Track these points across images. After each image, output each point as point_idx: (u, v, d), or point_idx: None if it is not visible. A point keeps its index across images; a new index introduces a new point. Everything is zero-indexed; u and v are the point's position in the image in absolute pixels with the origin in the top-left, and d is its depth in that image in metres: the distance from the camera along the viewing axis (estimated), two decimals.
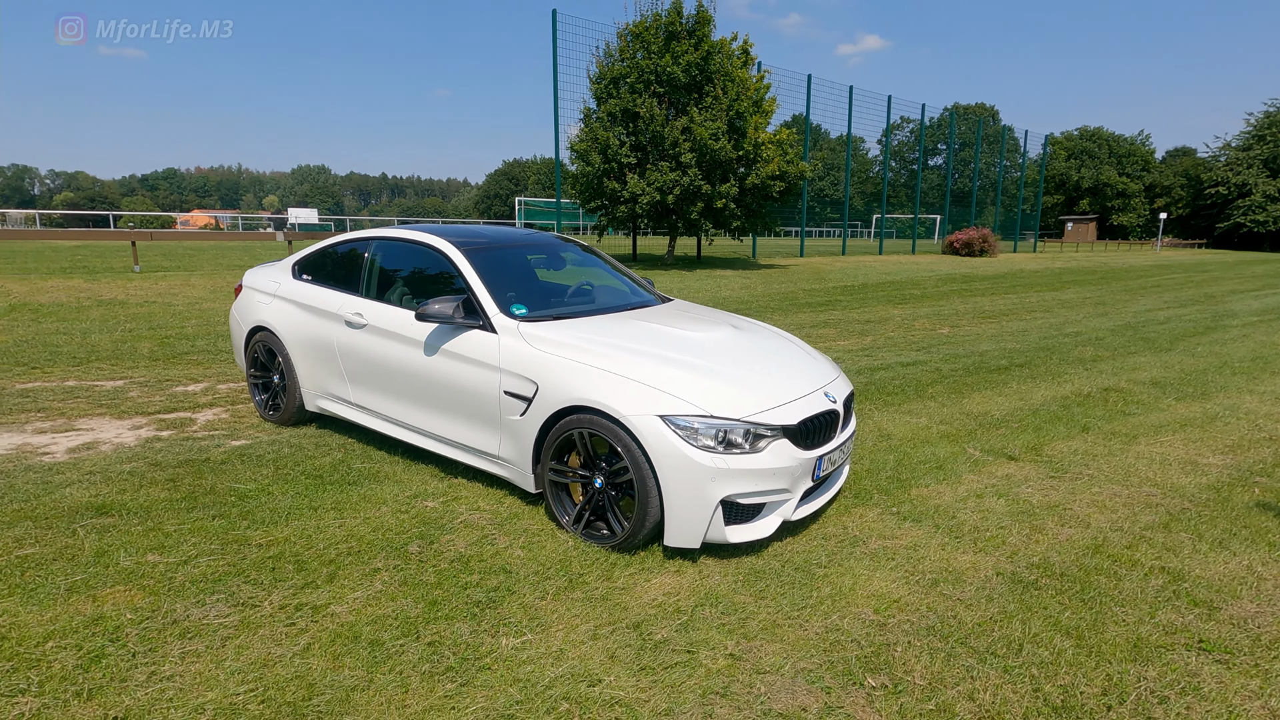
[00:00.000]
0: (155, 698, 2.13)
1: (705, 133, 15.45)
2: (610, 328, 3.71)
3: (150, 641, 2.41)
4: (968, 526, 3.50)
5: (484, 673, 2.31)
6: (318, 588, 2.79)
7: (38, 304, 9.12)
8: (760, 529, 3.13)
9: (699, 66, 15.98)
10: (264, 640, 2.44)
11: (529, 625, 2.58)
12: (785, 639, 2.54)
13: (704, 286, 14.18)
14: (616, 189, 16.35)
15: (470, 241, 4.18)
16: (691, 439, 2.95)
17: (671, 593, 2.83)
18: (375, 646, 2.43)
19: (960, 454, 4.59)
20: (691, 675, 2.32)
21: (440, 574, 2.92)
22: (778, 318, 10.51)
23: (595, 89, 17.01)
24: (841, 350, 8.12)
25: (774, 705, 2.18)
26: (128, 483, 3.75)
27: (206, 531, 3.22)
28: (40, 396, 5.36)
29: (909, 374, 6.88)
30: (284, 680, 2.23)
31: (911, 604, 2.79)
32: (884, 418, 5.36)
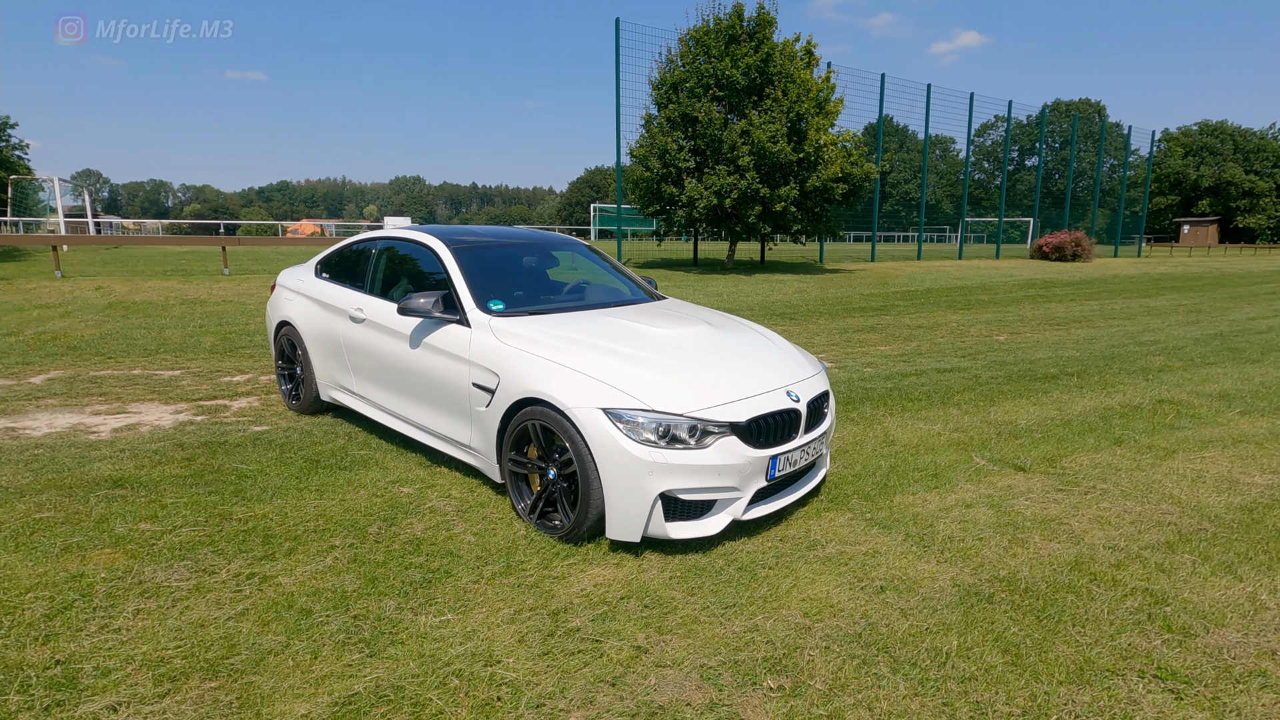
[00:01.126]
0: (98, 646, 2.36)
1: (764, 135, 15.26)
2: (580, 324, 3.77)
3: (113, 599, 2.65)
4: (941, 536, 3.33)
5: (394, 646, 2.41)
6: (274, 560, 2.98)
7: (132, 302, 10.11)
8: (707, 526, 3.09)
9: (759, 69, 15.82)
10: (208, 604, 2.63)
11: (453, 606, 2.67)
12: (699, 636, 2.50)
13: (755, 291, 13.99)
14: (674, 193, 16.40)
15: (460, 240, 4.34)
16: (632, 433, 2.96)
17: (603, 584, 2.85)
18: (304, 615, 2.58)
19: (964, 462, 4.35)
20: (590, 663, 2.34)
21: (389, 554, 3.05)
22: (822, 322, 10.24)
23: (656, 94, 17.14)
24: (879, 356, 7.83)
25: (657, 698, 2.17)
26: (149, 460, 4.13)
27: (198, 505, 3.50)
28: (106, 382, 5.95)
29: (941, 380, 6.56)
30: (212, 640, 2.41)
31: (846, 610, 2.69)
32: (895, 423, 5.15)
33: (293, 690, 2.17)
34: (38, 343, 7.41)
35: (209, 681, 2.20)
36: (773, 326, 9.58)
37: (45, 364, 6.54)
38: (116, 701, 2.10)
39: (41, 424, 4.83)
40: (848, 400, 5.77)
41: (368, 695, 2.15)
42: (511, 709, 2.11)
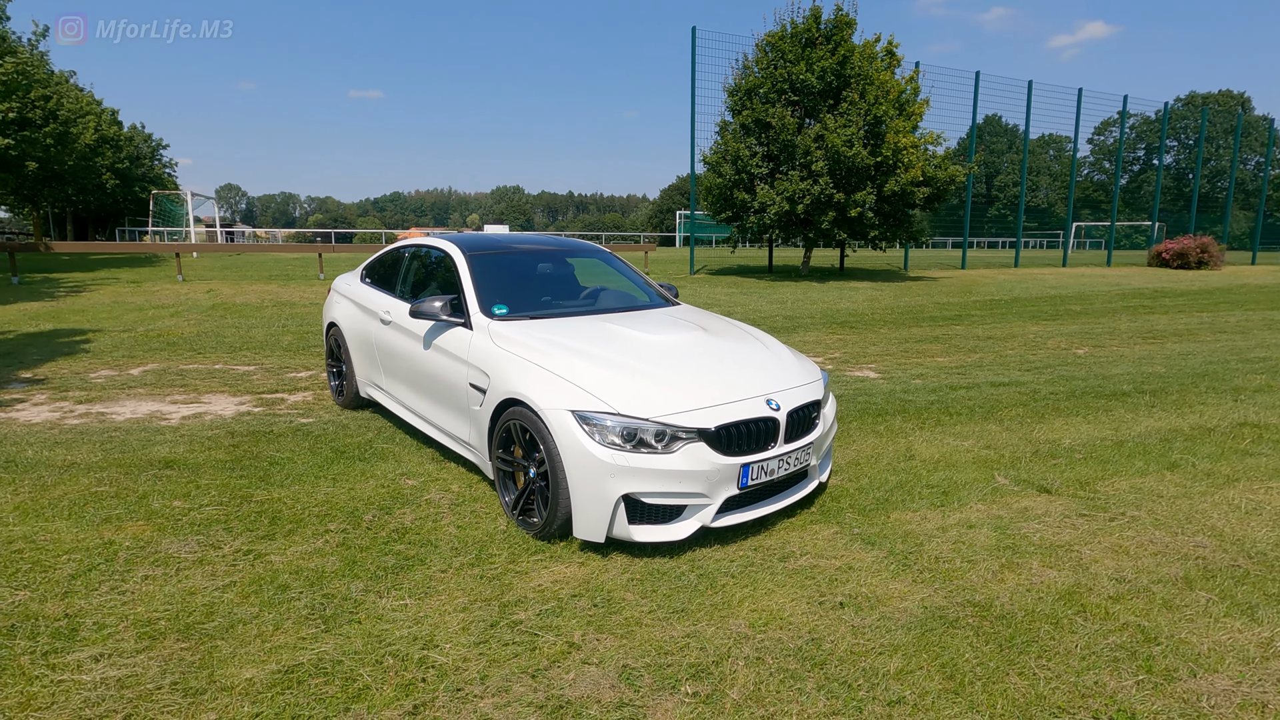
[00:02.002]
0: (104, 605, 2.67)
1: (838, 140, 14.86)
2: (574, 329, 3.87)
3: (130, 565, 2.99)
4: (927, 556, 3.18)
5: (349, 624, 2.59)
6: (273, 539, 3.25)
7: (233, 304, 11.15)
8: (673, 531, 3.11)
9: (835, 72, 15.44)
10: (205, 575, 2.92)
11: (415, 592, 2.83)
12: (635, 637, 2.53)
13: (822, 298, 13.62)
14: (746, 199, 16.25)
15: (476, 247, 4.56)
16: (597, 435, 3.03)
17: (561, 581, 2.93)
18: (281, 590, 2.81)
19: (982, 481, 4.11)
20: (519, 655, 2.42)
21: (375, 540, 3.26)
22: (884, 331, 9.86)
23: (730, 101, 17.07)
24: (933, 367, 7.47)
25: (570, 693, 2.22)
26: (201, 445, 4.58)
27: (226, 487, 3.86)
28: (189, 375, 6.63)
29: (991, 395, 6.19)
30: (195, 606, 2.68)
31: (795, 623, 2.63)
32: (921, 437, 4.92)
33: (247, 656, 2.38)
34: (145, 338, 8.33)
35: (181, 642, 2.45)
36: (830, 335, 9.34)
37: (146, 357, 7.36)
38: (101, 653, 2.38)
39: (127, 410, 5.46)
40: (878, 412, 5.56)
41: (309, 666, 2.33)
42: (430, 690, 2.22)
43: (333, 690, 2.22)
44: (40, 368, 6.81)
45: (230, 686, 2.22)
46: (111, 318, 9.83)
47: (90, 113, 33.61)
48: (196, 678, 2.26)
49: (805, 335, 9.47)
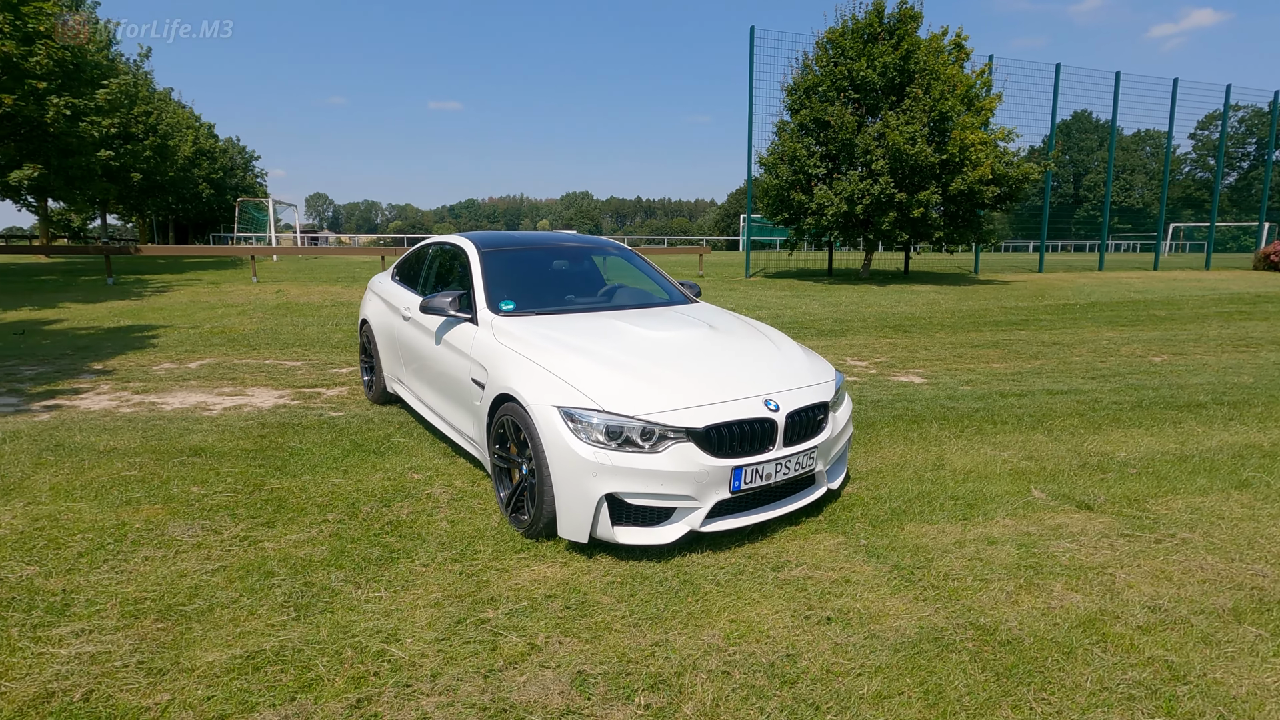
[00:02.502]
0: (99, 583, 2.78)
1: (900, 138, 14.30)
2: (576, 325, 3.80)
3: (135, 545, 3.11)
4: (936, 572, 2.94)
5: (321, 614, 2.59)
6: (273, 527, 3.32)
7: (296, 303, 11.69)
8: (660, 535, 2.99)
9: (898, 67, 14.88)
10: (199, 558, 3.00)
11: (393, 584, 2.81)
12: (601, 642, 2.43)
13: (879, 302, 13.10)
14: (803, 201, 15.86)
15: (491, 243, 4.56)
16: (582, 432, 2.95)
17: (540, 581, 2.85)
18: (266, 576, 2.85)
19: (1016, 494, 3.79)
20: (477, 654, 2.36)
21: (367, 532, 3.28)
22: (940, 336, 9.37)
23: (789, 100, 16.72)
24: (986, 373, 7.02)
25: (517, 696, 2.14)
26: (231, 435, 4.77)
27: (242, 475, 3.99)
28: (240, 369, 6.95)
29: (1045, 403, 5.75)
30: (181, 589, 2.75)
31: (773, 637, 2.47)
32: (957, 446, 4.60)
33: (216, 640, 2.41)
34: (209, 335, 8.82)
35: (159, 623, 2.51)
36: (880, 339, 8.95)
37: (206, 352, 7.78)
38: (84, 629, 2.46)
39: (176, 400, 5.76)
40: (915, 418, 5.25)
41: (270, 653, 2.34)
42: (379, 685, 2.19)
43: (286, 678, 2.21)
44: (111, 360, 7.30)
45: (191, 668, 2.25)
46: (184, 315, 10.48)
47: (190, 127, 36.22)
48: (162, 658, 2.31)
49: (853, 339, 9.11)
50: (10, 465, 4.08)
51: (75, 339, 8.49)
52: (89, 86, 16.34)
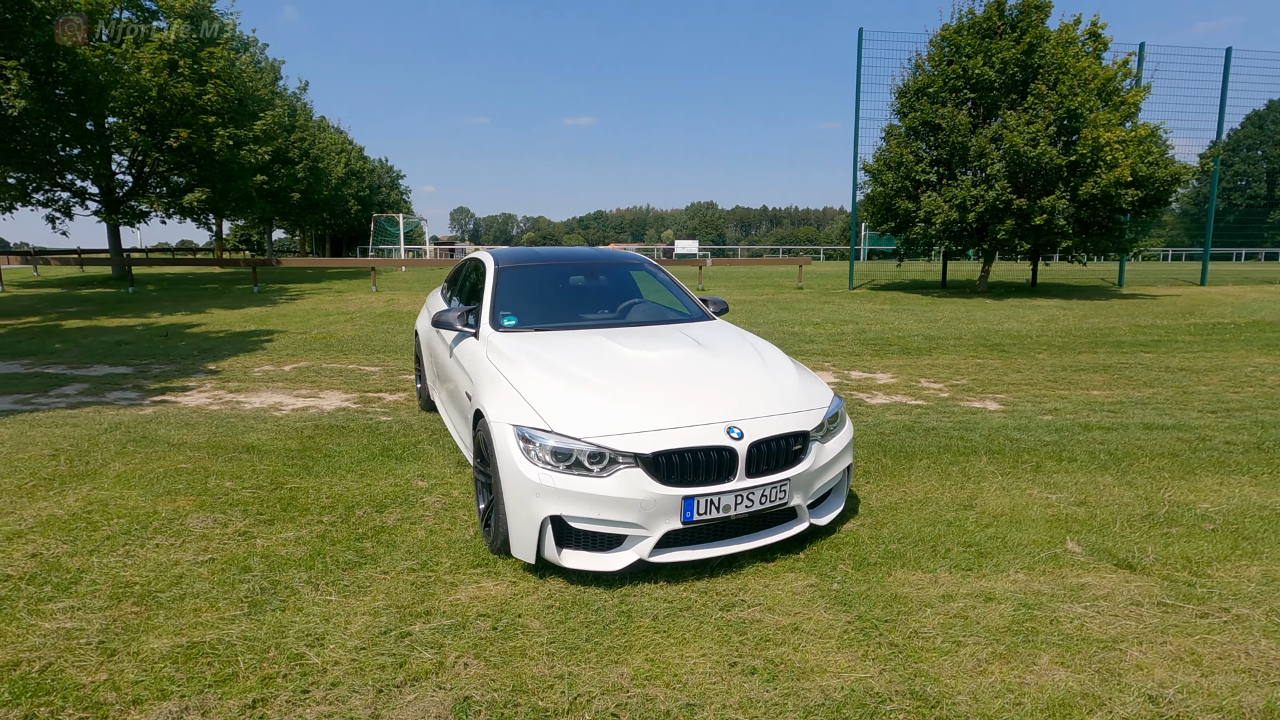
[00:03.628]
0: (109, 565, 3.11)
1: (1018, 139, 13.09)
2: (566, 343, 3.79)
3: (155, 533, 3.46)
4: (903, 630, 2.64)
5: (270, 612, 2.75)
6: (272, 524, 3.58)
7: (400, 311, 12.58)
8: (607, 561, 2.91)
9: (1018, 63, 13.64)
10: (196, 549, 3.29)
11: (347, 589, 2.93)
12: (507, 668, 2.39)
13: (986, 317, 12.02)
14: (909, 209, 14.92)
15: (511, 259, 4.67)
16: (531, 452, 2.93)
17: (481, 599, 2.86)
18: (242, 571, 3.07)
19: (1043, 545, 3.33)
20: (384, 667, 2.40)
21: (350, 535, 3.45)
22: (1042, 357, 8.44)
23: (899, 103, 15.83)
24: (1079, 401, 6.23)
25: (397, 715, 2.14)
26: (284, 435, 5.20)
27: (272, 473, 4.33)
28: (324, 373, 7.57)
29: (1133, 440, 5.01)
30: (169, 574, 3.02)
31: (685, 683, 2.32)
32: (1000, 484, 4.12)
33: (171, 627, 2.63)
34: (313, 340, 9.70)
35: (135, 606, 2.78)
36: (967, 359, 8.25)
37: (303, 356, 8.56)
38: (75, 606, 2.77)
39: (257, 400, 6.38)
40: (964, 450, 4.75)
41: (207, 644, 2.51)
42: (281, 687, 2.28)
43: (208, 671, 2.37)
44: (224, 361, 8.22)
45: (137, 652, 2.47)
46: (301, 322, 11.60)
47: (342, 150, 40.22)
48: (119, 640, 2.54)
49: (937, 358, 8.43)
50: (98, 454, 4.69)
51: (205, 341, 9.65)
52: (249, 119, 18.61)
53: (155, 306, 13.95)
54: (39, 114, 10.91)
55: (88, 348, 9.14)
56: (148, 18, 18.15)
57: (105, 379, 7.30)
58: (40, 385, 6.97)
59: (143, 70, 15.82)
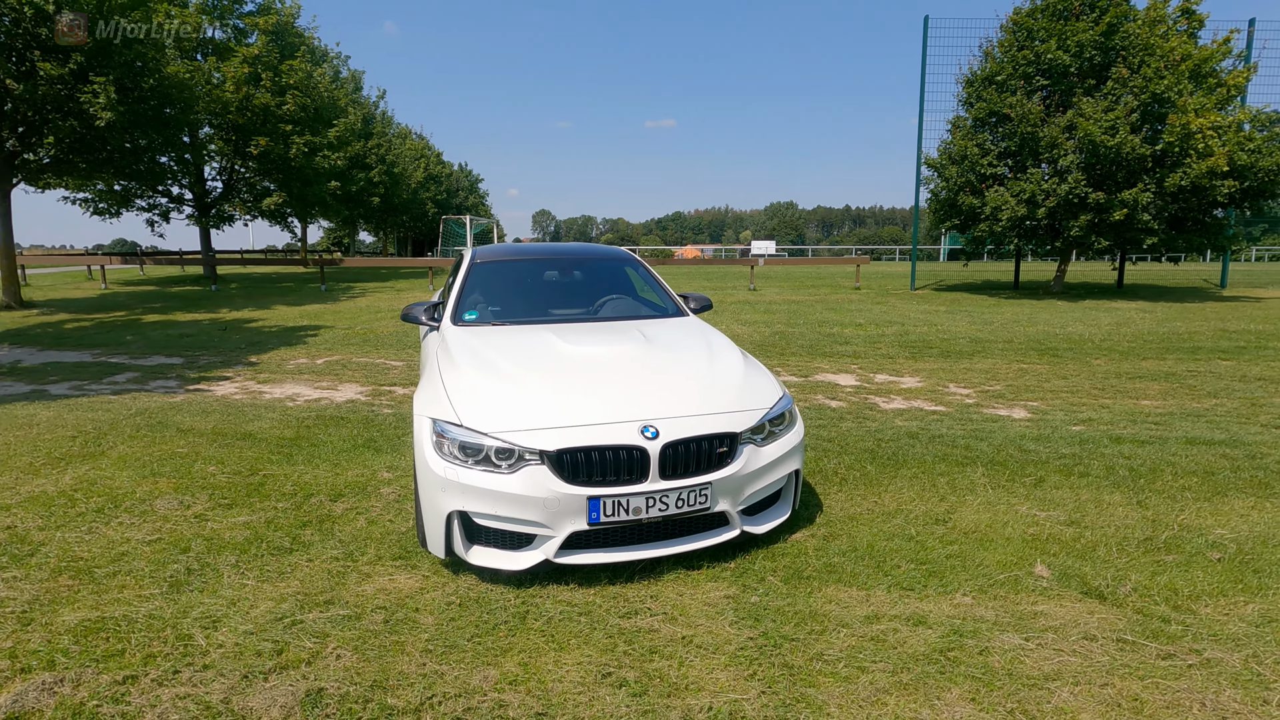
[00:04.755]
0: (66, 539, 3.29)
1: (1095, 128, 12.08)
2: (513, 339, 3.74)
3: (122, 512, 3.65)
4: (806, 652, 2.43)
5: (188, 593, 2.83)
6: (230, 509, 3.70)
7: None
8: (514, 560, 2.83)
9: (1097, 45, 12.59)
10: (150, 529, 3.44)
11: (267, 575, 2.98)
12: (377, 663, 2.36)
13: (1051, 320, 11.14)
14: (973, 204, 14.06)
15: (491, 254, 4.67)
16: (444, 446, 2.89)
17: (387, 591, 2.85)
18: (182, 551, 3.18)
19: (1008, 567, 3.00)
20: (261, 654, 2.40)
21: (295, 522, 3.51)
22: (1099, 363, 7.73)
23: (966, 92, 14.96)
24: (1125, 412, 5.65)
25: (248, 703, 2.14)
26: (284, 424, 5.40)
27: (255, 460, 4.49)
28: (350, 366, 7.85)
29: (1167, 455, 4.49)
30: (114, 551, 3.16)
31: (546, 691, 2.21)
32: (982, 499, 3.76)
33: (91, 601, 2.74)
34: (351, 336, 10.11)
35: (70, 579, 2.92)
36: (1012, 364, 7.68)
37: (339, 350, 8.92)
38: (19, 576, 2.94)
39: (279, 391, 6.67)
40: (962, 460, 4.39)
41: (112, 621, 2.60)
42: (156, 666, 2.32)
43: (99, 646, 2.45)
44: (266, 354, 8.67)
45: (49, 624, 2.59)
46: (351, 318, 12.12)
47: (421, 156, 41.95)
48: (40, 611, 2.68)
49: (978, 362, 7.86)
50: (111, 437, 5.02)
51: (257, 335, 10.24)
52: (324, 126, 19.69)
53: (229, 303, 14.95)
54: (125, 126, 11.90)
55: (153, 340, 9.87)
56: (238, 36, 19.53)
57: (155, 369, 7.84)
58: (98, 373, 7.57)
59: (225, 83, 17.03)
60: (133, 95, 12.06)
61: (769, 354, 8.39)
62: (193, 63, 16.07)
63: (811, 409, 5.80)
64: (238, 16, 19.54)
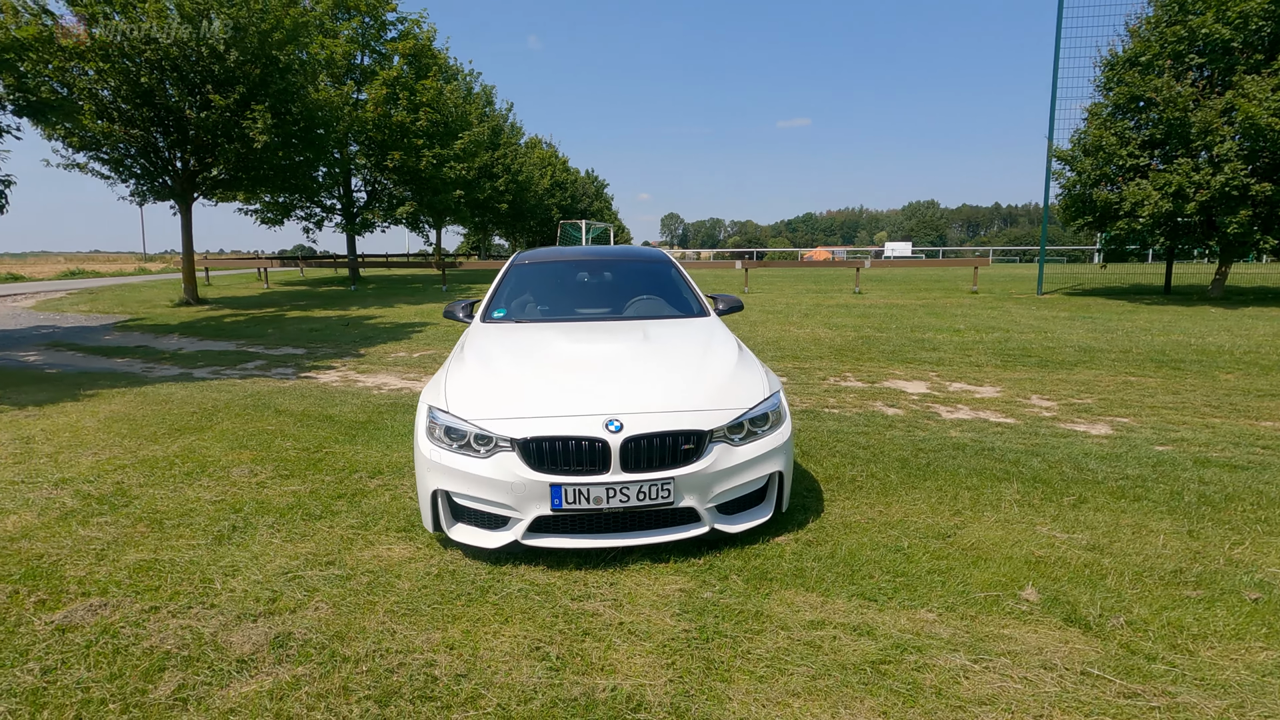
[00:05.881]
0: (155, 496, 3.92)
1: (1261, 110, 10.50)
2: (518, 336, 3.98)
3: (204, 477, 4.27)
4: (737, 649, 2.45)
5: (225, 546, 3.30)
6: (288, 479, 4.22)
7: None
8: (488, 539, 3.06)
9: (1267, 14, 10.92)
10: (219, 491, 4.00)
11: (291, 536, 3.40)
12: (344, 619, 2.65)
13: (1189, 331, 9.81)
14: (1110, 200, 12.68)
15: (529, 256, 4.96)
16: (435, 431, 3.18)
17: (383, 559, 3.16)
18: (234, 511, 3.69)
19: (993, 588, 2.82)
20: (259, 600, 2.77)
21: (334, 494, 3.95)
22: (1228, 378, 6.77)
23: (1105, 76, 13.52)
24: (1233, 433, 4.97)
25: (223, 638, 2.50)
26: (363, 410, 6.00)
27: (324, 439, 5.05)
28: (438, 360, 8.50)
29: (1260, 484, 3.93)
30: (184, 508, 3.73)
31: (475, 659, 2.40)
32: (1003, 516, 3.51)
33: (151, 545, 3.28)
34: (455, 331, 10.89)
35: (144, 528, 3.50)
36: (1116, 377, 6.99)
37: (436, 345, 9.67)
38: (108, 522, 3.56)
39: (370, 380, 7.40)
40: (1001, 475, 4.09)
41: (160, 562, 3.10)
42: (178, 601, 2.76)
43: (144, 582, 2.93)
44: (374, 346, 9.60)
45: (116, 560, 3.13)
46: None
47: (548, 164, 43.95)
48: (113, 550, 3.24)
49: (1076, 373, 7.16)
50: (221, 414, 5.84)
51: (373, 330, 11.32)
52: (451, 139, 21.28)
53: (360, 301, 16.58)
54: (277, 146, 13.60)
55: (288, 333, 11.22)
56: (382, 61, 21.59)
57: (281, 358, 8.94)
58: (234, 360, 8.76)
59: (366, 105, 18.92)
60: (285, 119, 13.72)
61: (843, 358, 8.12)
62: (342, 86, 18.00)
63: (861, 416, 5.59)
64: (382, 43, 21.59)
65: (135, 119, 12.88)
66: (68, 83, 12.19)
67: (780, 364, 7.84)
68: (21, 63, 10.61)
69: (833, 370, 7.50)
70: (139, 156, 13.88)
